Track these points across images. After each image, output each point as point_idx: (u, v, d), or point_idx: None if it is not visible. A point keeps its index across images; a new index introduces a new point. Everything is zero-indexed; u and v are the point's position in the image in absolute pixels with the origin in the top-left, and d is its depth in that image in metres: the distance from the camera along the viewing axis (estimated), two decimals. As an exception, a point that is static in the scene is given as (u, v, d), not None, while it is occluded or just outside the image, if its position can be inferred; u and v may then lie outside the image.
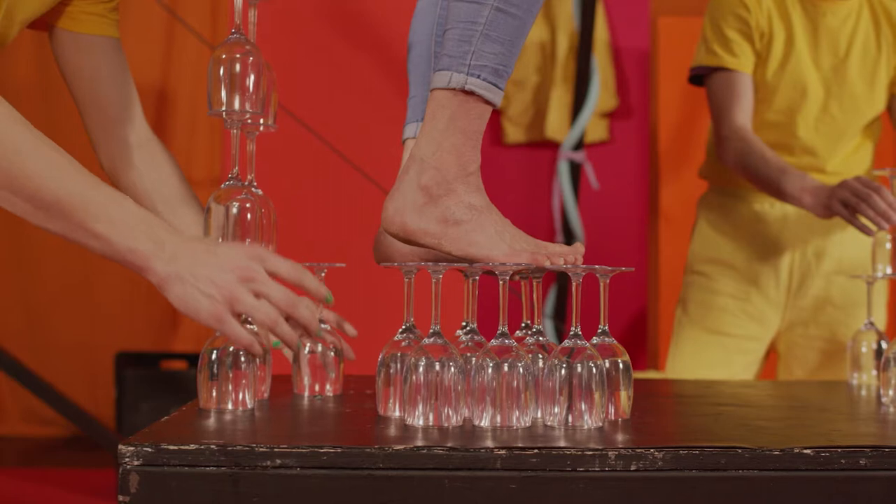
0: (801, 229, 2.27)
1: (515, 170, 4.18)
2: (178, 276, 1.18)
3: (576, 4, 4.05)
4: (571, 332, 1.29)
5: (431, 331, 1.30)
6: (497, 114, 4.15)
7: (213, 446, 1.08)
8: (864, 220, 2.03)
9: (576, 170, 4.05)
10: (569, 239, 3.99)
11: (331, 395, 1.53)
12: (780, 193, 2.20)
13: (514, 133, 4.17)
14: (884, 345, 1.82)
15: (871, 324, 1.86)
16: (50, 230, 1.21)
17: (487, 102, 1.34)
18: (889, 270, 1.87)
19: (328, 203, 3.15)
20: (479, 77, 1.33)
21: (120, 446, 1.08)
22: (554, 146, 4.12)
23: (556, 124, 4.10)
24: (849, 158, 2.31)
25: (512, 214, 4.23)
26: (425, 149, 1.35)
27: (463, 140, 1.35)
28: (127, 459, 1.07)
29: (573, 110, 4.04)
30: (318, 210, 3.14)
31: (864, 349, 1.82)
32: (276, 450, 1.08)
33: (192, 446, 1.08)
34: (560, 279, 3.91)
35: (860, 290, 2.31)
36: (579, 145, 4.07)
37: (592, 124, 4.13)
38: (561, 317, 3.90)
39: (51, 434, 4.57)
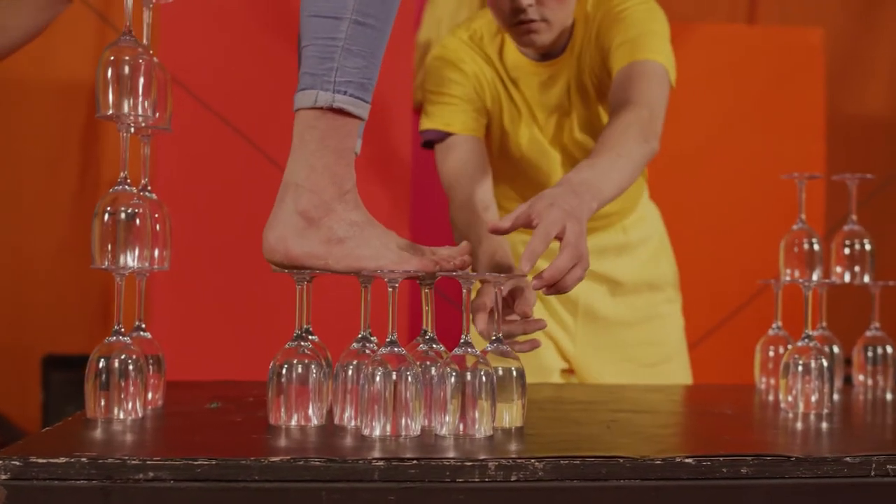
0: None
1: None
2: None
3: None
4: (462, 340, 1.28)
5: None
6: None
7: (83, 459, 1.05)
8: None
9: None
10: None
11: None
12: None
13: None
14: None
15: (780, 328, 1.86)
16: None
17: (355, 117, 1.33)
18: (797, 275, 1.87)
19: (253, 204, 3.12)
20: (345, 93, 1.32)
21: (-13, 460, 1.05)
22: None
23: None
24: (621, 203, 2.14)
25: (439, 216, 4.18)
26: (298, 173, 1.33)
27: (335, 159, 1.33)
28: (-5, 473, 1.05)
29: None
30: (242, 210, 3.11)
31: (771, 353, 1.83)
32: (148, 462, 1.05)
33: (62, 459, 1.05)
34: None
35: (646, 307, 2.20)
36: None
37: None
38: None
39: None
